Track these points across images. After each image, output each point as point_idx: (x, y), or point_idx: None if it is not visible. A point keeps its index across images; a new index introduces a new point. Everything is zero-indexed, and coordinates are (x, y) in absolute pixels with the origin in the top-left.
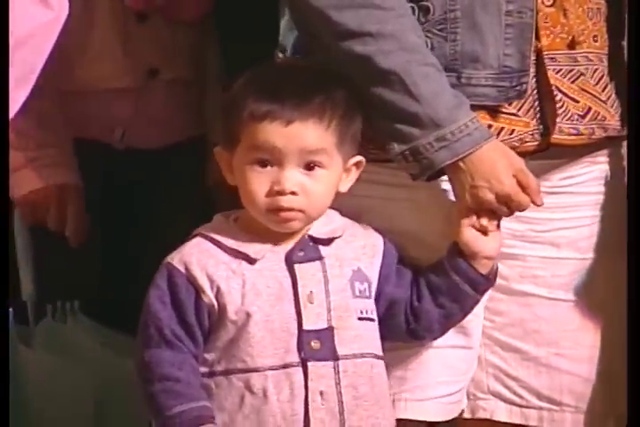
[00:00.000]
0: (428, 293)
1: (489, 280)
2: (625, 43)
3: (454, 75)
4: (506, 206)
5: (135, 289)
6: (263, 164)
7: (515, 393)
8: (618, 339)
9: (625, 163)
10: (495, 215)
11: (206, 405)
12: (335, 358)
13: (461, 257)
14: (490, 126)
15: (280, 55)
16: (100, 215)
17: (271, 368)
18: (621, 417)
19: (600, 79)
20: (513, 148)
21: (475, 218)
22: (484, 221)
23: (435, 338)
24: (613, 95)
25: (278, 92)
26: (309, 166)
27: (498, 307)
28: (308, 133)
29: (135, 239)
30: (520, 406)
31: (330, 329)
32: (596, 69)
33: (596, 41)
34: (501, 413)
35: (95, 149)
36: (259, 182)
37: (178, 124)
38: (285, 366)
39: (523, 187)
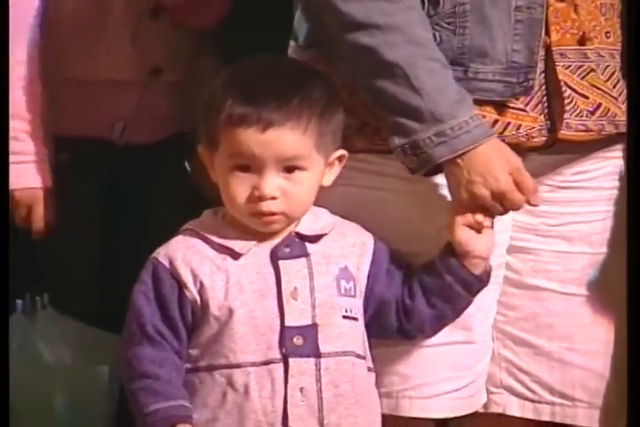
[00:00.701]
0: (420, 293)
1: (481, 281)
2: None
3: (461, 69)
4: (500, 204)
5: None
6: (244, 169)
7: (527, 388)
8: None
9: None
10: (489, 213)
11: (183, 404)
12: (317, 355)
13: (454, 257)
14: (496, 121)
15: (293, 44)
16: (100, 213)
17: (253, 364)
18: None
19: (611, 75)
20: (520, 143)
21: (469, 216)
22: (479, 217)
23: (427, 337)
24: (625, 91)
25: (255, 93)
26: (289, 169)
27: (510, 301)
28: (285, 140)
29: (130, 236)
30: (532, 401)
31: (314, 326)
32: (608, 66)
33: (608, 37)
34: (514, 408)
35: (94, 147)
36: (240, 187)
37: (176, 120)
38: (267, 363)
39: (518, 186)
